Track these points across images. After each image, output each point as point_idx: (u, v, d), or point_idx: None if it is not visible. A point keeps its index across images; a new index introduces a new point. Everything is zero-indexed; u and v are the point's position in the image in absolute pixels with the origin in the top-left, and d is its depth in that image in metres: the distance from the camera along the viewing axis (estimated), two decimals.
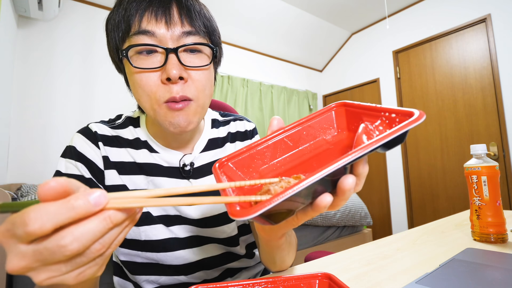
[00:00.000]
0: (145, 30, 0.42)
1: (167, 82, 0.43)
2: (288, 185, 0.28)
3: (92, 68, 2.27)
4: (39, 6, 1.87)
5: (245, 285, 0.36)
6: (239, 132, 0.63)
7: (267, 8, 2.84)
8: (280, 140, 0.37)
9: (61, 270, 0.22)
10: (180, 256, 0.52)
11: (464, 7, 2.51)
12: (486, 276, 0.42)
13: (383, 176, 3.10)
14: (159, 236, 0.51)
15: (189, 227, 0.54)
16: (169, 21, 0.43)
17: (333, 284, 0.35)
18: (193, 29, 0.44)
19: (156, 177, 0.53)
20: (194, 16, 0.45)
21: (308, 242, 1.90)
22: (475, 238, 0.61)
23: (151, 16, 0.42)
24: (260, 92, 3.21)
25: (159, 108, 0.44)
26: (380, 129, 0.32)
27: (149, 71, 0.43)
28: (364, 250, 0.59)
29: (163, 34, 0.43)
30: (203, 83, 0.46)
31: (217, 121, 0.63)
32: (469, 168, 0.62)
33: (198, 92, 0.46)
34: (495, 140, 2.32)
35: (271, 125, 0.37)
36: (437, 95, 2.69)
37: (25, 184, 1.80)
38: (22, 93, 1.99)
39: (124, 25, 0.44)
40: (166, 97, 0.44)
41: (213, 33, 0.49)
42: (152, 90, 0.44)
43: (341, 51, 3.67)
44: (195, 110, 0.46)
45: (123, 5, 0.44)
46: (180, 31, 0.44)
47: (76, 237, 0.21)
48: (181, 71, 0.43)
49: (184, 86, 0.44)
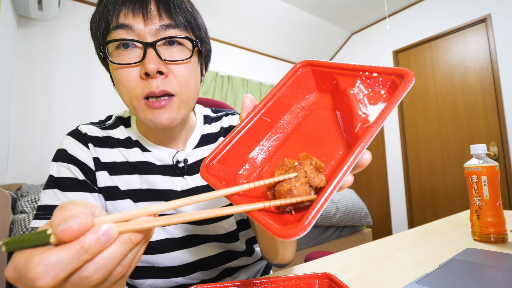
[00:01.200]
0: (122, 24, 0.42)
1: (146, 78, 0.43)
2: (305, 175, 0.26)
3: (92, 68, 2.27)
4: (39, 6, 1.87)
5: (245, 285, 0.36)
6: (232, 127, 0.61)
7: (267, 8, 2.84)
8: (258, 119, 0.34)
9: None
10: (176, 257, 0.51)
11: (464, 7, 2.51)
12: (486, 276, 0.42)
13: (383, 176, 3.10)
14: (154, 237, 0.50)
15: (185, 226, 0.53)
16: (147, 15, 0.42)
17: (333, 284, 0.35)
18: (172, 22, 0.44)
19: (149, 175, 0.52)
20: (174, 10, 0.44)
21: (308, 242, 1.90)
22: (475, 238, 0.61)
23: (127, 11, 0.42)
24: (260, 92, 3.21)
25: (138, 104, 0.44)
26: (366, 93, 0.30)
27: (128, 67, 0.43)
28: (364, 250, 0.58)
29: (141, 28, 0.42)
30: (185, 78, 0.45)
31: (209, 117, 0.63)
32: (469, 168, 0.62)
33: (180, 87, 0.45)
34: (495, 140, 2.32)
35: (244, 106, 0.35)
36: (437, 95, 2.69)
37: (25, 184, 1.81)
38: (22, 93, 1.99)
39: (103, 22, 0.44)
40: (145, 92, 0.43)
41: (197, 28, 0.48)
42: (132, 85, 0.43)
43: (341, 51, 3.67)
44: (179, 105, 0.46)
45: (103, 2, 0.44)
46: (159, 24, 0.43)
47: (99, 265, 0.20)
48: (160, 65, 0.42)
49: (165, 81, 0.44)
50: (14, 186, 1.81)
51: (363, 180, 3.32)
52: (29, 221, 1.10)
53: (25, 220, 1.11)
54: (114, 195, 0.50)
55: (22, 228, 1.07)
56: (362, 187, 3.33)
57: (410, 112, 2.90)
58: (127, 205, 0.50)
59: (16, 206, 1.35)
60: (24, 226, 1.08)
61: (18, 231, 1.08)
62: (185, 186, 0.53)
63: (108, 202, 0.50)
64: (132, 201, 0.50)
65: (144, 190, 0.51)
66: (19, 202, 1.35)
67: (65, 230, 0.19)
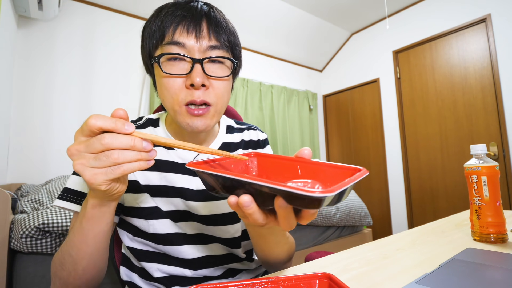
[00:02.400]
0: (177, 41, 0.48)
1: (190, 88, 0.49)
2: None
3: (92, 68, 2.27)
4: (39, 6, 1.87)
5: (245, 285, 0.36)
6: (253, 141, 0.68)
7: (267, 8, 2.84)
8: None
9: (89, 162, 0.33)
10: (185, 251, 0.56)
11: (464, 7, 2.51)
12: (486, 276, 0.42)
13: (383, 176, 3.10)
14: (166, 230, 0.55)
15: (195, 224, 0.57)
16: (199, 35, 0.49)
17: (333, 284, 0.35)
18: (218, 43, 0.50)
19: (169, 173, 0.57)
20: (221, 31, 0.51)
21: (308, 242, 1.90)
22: (475, 238, 0.61)
23: (183, 29, 0.49)
24: (260, 92, 3.21)
25: (180, 109, 0.50)
26: None
27: (176, 77, 0.49)
28: (364, 250, 0.59)
29: (192, 45, 0.49)
30: (222, 91, 0.52)
31: (232, 127, 0.69)
32: (469, 168, 0.62)
33: (217, 98, 0.52)
34: (495, 140, 2.32)
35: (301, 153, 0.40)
36: (437, 95, 2.69)
37: (25, 184, 1.81)
38: (22, 93, 1.99)
39: (159, 34, 0.50)
40: (187, 100, 0.49)
41: (235, 47, 0.55)
42: (176, 92, 0.49)
43: (341, 51, 3.67)
44: (213, 114, 0.52)
45: (160, 17, 0.50)
46: (207, 44, 0.49)
47: (111, 137, 0.32)
48: (204, 79, 0.49)
49: (205, 93, 0.50)
50: (14, 186, 1.80)
51: (363, 180, 3.31)
52: (29, 221, 1.10)
53: (25, 220, 1.11)
54: (134, 188, 0.56)
55: (22, 228, 1.07)
56: (362, 187, 3.33)
57: (410, 112, 2.90)
58: (144, 198, 0.56)
59: (16, 206, 1.35)
60: (24, 226, 1.08)
61: (18, 231, 1.08)
62: (200, 186, 0.58)
63: (128, 194, 0.56)
64: (149, 195, 0.56)
65: (162, 186, 0.56)
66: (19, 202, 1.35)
67: (117, 109, 0.35)
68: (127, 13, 2.48)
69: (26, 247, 1.09)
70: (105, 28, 2.36)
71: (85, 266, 0.45)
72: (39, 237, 1.10)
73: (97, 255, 0.46)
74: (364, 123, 3.35)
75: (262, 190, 0.30)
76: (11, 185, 1.80)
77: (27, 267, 1.12)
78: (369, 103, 3.30)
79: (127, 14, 2.48)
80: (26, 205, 1.32)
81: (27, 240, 1.09)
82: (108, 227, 0.44)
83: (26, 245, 1.09)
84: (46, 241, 1.12)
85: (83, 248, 0.44)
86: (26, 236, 1.08)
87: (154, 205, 0.55)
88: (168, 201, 0.56)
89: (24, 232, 1.08)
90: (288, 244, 0.57)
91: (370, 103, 3.28)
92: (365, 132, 3.33)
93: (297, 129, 3.51)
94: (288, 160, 0.40)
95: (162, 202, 0.56)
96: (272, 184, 0.28)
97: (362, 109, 3.38)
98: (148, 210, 0.55)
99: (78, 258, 0.44)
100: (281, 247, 0.54)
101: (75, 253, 0.44)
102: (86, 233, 0.42)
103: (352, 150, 3.47)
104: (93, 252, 0.45)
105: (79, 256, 0.44)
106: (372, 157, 3.23)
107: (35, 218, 1.12)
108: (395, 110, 3.02)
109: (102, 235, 0.44)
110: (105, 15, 2.37)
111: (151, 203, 0.55)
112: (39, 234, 1.10)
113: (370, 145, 3.26)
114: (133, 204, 0.55)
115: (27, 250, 1.10)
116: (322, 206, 0.27)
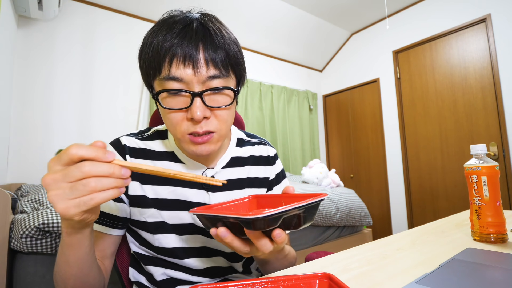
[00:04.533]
0: (174, 76, 0.47)
1: (191, 120, 0.49)
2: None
3: (92, 68, 2.27)
4: (39, 6, 1.87)
5: (245, 285, 0.36)
6: (262, 157, 0.68)
7: (267, 8, 2.84)
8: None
9: (65, 192, 0.32)
10: (189, 263, 0.57)
11: (464, 7, 2.51)
12: (486, 276, 0.42)
13: (383, 176, 3.10)
14: (171, 244, 0.56)
15: (200, 237, 0.58)
16: (196, 65, 0.46)
17: (333, 284, 0.35)
18: (217, 71, 0.48)
19: (177, 187, 0.58)
20: (219, 58, 0.48)
21: (308, 242, 1.90)
22: (475, 238, 0.61)
23: (179, 62, 0.46)
24: (260, 92, 3.21)
25: (183, 138, 0.50)
26: None
27: (177, 111, 0.49)
28: (364, 250, 0.58)
29: (190, 78, 0.47)
30: (225, 117, 0.51)
31: (243, 140, 0.69)
32: (469, 168, 0.62)
33: (220, 125, 0.51)
34: (495, 140, 2.32)
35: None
36: (437, 95, 2.69)
37: (25, 184, 1.81)
38: (22, 93, 1.99)
39: (155, 64, 0.48)
40: (190, 130, 0.49)
41: (239, 68, 0.53)
42: (178, 123, 0.49)
43: (341, 51, 3.67)
44: (217, 139, 0.52)
45: (154, 44, 0.48)
46: (206, 76, 0.47)
47: (91, 165, 0.32)
48: (205, 111, 0.48)
49: (208, 122, 0.49)
50: (14, 186, 1.81)
51: (363, 180, 3.32)
52: (29, 221, 1.10)
53: (25, 220, 1.11)
54: (142, 203, 0.56)
55: (22, 228, 1.07)
56: (362, 187, 3.33)
57: (410, 112, 2.90)
58: (151, 213, 0.56)
59: (16, 206, 1.35)
60: (24, 226, 1.08)
61: (18, 231, 1.08)
62: (208, 200, 0.58)
63: (134, 208, 0.56)
64: (156, 210, 0.56)
65: (170, 200, 0.57)
66: (19, 202, 1.35)
67: (95, 142, 0.35)
68: (127, 13, 2.48)
69: (26, 247, 1.09)
70: (105, 28, 2.36)
71: (73, 285, 0.46)
72: (39, 237, 1.10)
73: (81, 274, 0.46)
74: (364, 123, 3.35)
75: (230, 221, 0.36)
76: (11, 185, 1.80)
77: (27, 267, 1.12)
78: (369, 103, 3.30)
79: (127, 14, 2.48)
80: (26, 205, 1.32)
81: (27, 240, 1.09)
82: (87, 250, 0.44)
83: (26, 245, 1.09)
84: (46, 241, 1.12)
85: (67, 270, 0.45)
86: (26, 236, 1.08)
87: (160, 220, 0.56)
88: (175, 215, 0.57)
89: (24, 232, 1.08)
90: (288, 257, 0.59)
91: (370, 103, 3.28)
92: (365, 132, 3.33)
93: (297, 129, 3.51)
94: (277, 196, 0.49)
95: (169, 216, 0.56)
96: (219, 214, 0.35)
97: (362, 109, 3.38)
98: (154, 225, 0.56)
99: (65, 277, 0.45)
100: (281, 261, 0.56)
101: (62, 273, 0.45)
102: (67, 258, 0.43)
103: (352, 150, 3.47)
104: (77, 273, 0.45)
105: (66, 276, 0.45)
106: (372, 157, 3.23)
107: (35, 218, 1.12)
108: (395, 110, 3.02)
109: (84, 258, 0.44)
110: (105, 15, 2.37)
111: (157, 217, 0.56)
112: (39, 234, 1.10)
113: (370, 145, 3.26)
114: (140, 218, 0.56)
115: (27, 250, 1.10)
116: (259, 229, 0.34)
